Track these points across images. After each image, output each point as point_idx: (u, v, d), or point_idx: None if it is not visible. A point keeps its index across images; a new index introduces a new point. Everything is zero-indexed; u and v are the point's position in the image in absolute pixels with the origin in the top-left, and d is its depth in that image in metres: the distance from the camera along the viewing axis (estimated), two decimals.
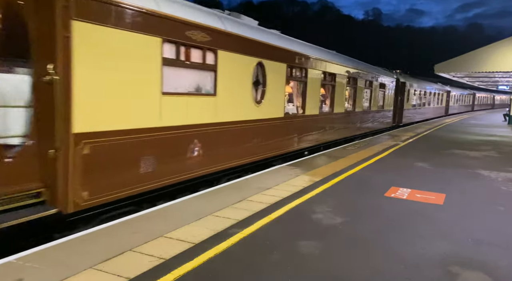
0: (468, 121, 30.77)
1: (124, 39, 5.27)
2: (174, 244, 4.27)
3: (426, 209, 6.05)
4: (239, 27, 8.01)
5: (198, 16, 6.74)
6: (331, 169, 8.89)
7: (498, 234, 5.04)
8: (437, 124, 26.36)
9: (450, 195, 6.92)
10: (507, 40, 18.98)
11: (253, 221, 5.11)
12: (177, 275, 3.56)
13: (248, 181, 7.47)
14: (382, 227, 5.13)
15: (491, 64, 19.37)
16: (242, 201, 6.05)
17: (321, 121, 12.33)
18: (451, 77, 27.89)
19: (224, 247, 4.24)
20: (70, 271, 3.55)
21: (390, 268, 3.91)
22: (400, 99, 22.69)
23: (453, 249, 4.44)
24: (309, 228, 5.01)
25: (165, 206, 5.73)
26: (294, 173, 8.33)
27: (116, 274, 3.53)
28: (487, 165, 10.16)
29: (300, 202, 6.12)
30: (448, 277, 3.75)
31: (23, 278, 3.42)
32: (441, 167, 9.66)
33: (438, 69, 22.08)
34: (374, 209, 5.95)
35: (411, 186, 7.46)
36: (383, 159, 10.79)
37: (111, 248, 4.09)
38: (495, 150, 13.31)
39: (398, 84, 21.90)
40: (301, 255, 4.13)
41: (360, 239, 4.69)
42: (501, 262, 4.15)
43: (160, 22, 5.83)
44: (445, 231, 5.08)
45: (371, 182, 7.73)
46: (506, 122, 29.91)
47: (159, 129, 5.95)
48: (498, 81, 35.29)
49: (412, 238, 4.76)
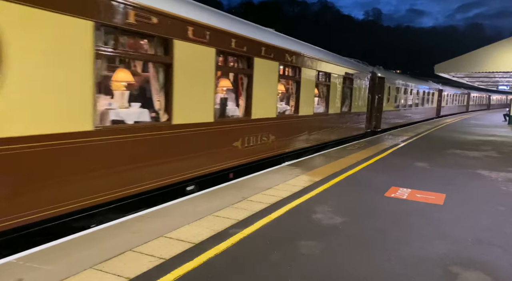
0: (468, 121, 30.77)
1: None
2: (174, 244, 4.27)
3: (426, 209, 6.05)
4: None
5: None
6: (331, 169, 8.88)
7: (498, 234, 5.04)
8: (437, 124, 26.33)
9: (450, 195, 6.92)
10: (507, 40, 18.98)
11: (253, 221, 5.11)
12: (177, 275, 3.56)
13: (248, 181, 7.47)
14: (382, 227, 5.13)
15: (491, 64, 19.37)
16: (242, 201, 6.05)
17: (218, 136, 7.35)
18: (451, 77, 27.88)
19: (224, 247, 4.24)
20: (70, 271, 3.54)
21: (390, 268, 3.91)
22: (378, 99, 18.39)
23: (453, 249, 4.43)
24: (309, 228, 5.00)
25: (165, 206, 5.72)
26: (294, 173, 8.32)
27: (116, 274, 3.53)
28: (487, 165, 10.16)
29: (300, 202, 6.12)
30: (448, 277, 3.75)
31: (23, 278, 3.42)
32: (441, 167, 9.66)
33: (438, 69, 22.08)
34: (374, 209, 5.95)
35: (411, 186, 7.45)
36: (383, 159, 10.79)
37: (111, 248, 4.09)
38: (495, 150, 13.30)
39: (374, 80, 17.59)
40: (301, 255, 4.13)
41: (360, 239, 4.69)
42: (501, 262, 4.15)
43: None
44: (445, 231, 5.08)
45: (371, 182, 7.72)
46: (506, 122, 29.91)
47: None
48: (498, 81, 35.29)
49: (412, 238, 4.76)
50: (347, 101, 14.31)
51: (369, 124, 17.64)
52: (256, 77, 8.23)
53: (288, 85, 10.66)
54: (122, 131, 5.38)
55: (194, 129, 6.64)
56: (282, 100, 10.65)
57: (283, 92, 10.78)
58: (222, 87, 8.33)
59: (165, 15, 5.75)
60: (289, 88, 10.62)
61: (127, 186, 5.42)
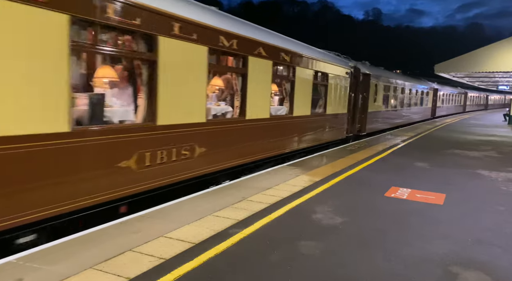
0: (468, 121, 30.77)
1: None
2: (174, 244, 4.27)
3: (426, 209, 6.05)
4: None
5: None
6: (331, 169, 8.89)
7: (498, 234, 5.04)
8: (437, 124, 26.34)
9: (450, 195, 6.92)
10: (507, 40, 19.02)
11: (253, 221, 5.11)
12: (177, 275, 3.56)
13: (248, 181, 7.47)
14: (382, 227, 5.13)
15: (491, 64, 19.40)
16: (242, 201, 6.05)
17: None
18: (451, 77, 27.88)
19: (224, 247, 4.24)
20: (70, 271, 3.54)
21: (390, 268, 3.91)
22: (363, 98, 16.19)
23: (453, 249, 4.43)
24: (309, 228, 5.00)
25: (165, 206, 5.72)
26: (294, 173, 8.32)
27: (116, 274, 3.53)
28: (487, 165, 10.16)
29: (300, 202, 6.12)
30: (448, 277, 3.75)
31: (23, 278, 3.42)
32: (441, 167, 9.66)
33: (438, 69, 22.12)
34: (374, 209, 5.95)
35: (411, 186, 7.46)
36: (383, 159, 10.79)
37: (111, 248, 4.09)
38: (495, 150, 13.31)
39: (358, 77, 15.38)
40: (301, 255, 4.13)
41: (360, 239, 4.69)
42: (501, 262, 4.15)
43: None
44: (445, 231, 5.08)
45: (371, 182, 7.72)
46: (506, 122, 29.93)
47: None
48: (498, 81, 35.36)
49: (412, 238, 4.76)
50: (321, 101, 12.22)
51: (352, 127, 15.42)
52: (161, 64, 5.78)
53: (227, 79, 8.18)
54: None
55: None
56: (221, 100, 8.28)
57: (221, 88, 8.32)
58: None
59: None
60: (231, 84, 8.07)
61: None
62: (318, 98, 12.02)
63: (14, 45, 3.95)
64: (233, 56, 7.75)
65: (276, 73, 9.32)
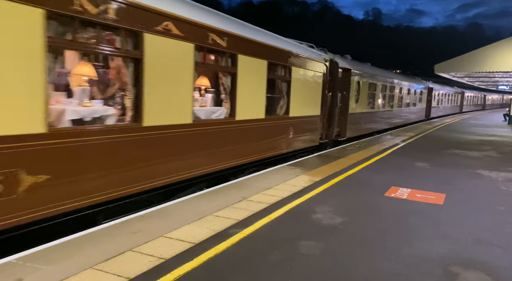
0: (468, 121, 30.78)
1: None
2: (174, 244, 4.27)
3: (426, 209, 6.05)
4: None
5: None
6: (331, 169, 8.88)
7: (498, 234, 5.04)
8: (437, 124, 26.34)
9: (450, 195, 6.92)
10: (507, 40, 19.02)
11: (253, 221, 5.11)
12: (177, 275, 3.56)
13: (248, 181, 7.47)
14: (382, 227, 5.13)
15: (491, 64, 19.40)
16: (242, 201, 6.05)
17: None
18: (451, 77, 27.87)
19: (224, 247, 4.24)
20: (70, 271, 3.54)
21: (390, 267, 3.91)
22: (342, 98, 13.92)
23: (453, 249, 4.43)
24: (309, 228, 5.00)
25: (165, 206, 5.72)
26: (294, 173, 8.32)
27: (116, 274, 3.53)
28: (487, 165, 10.16)
29: (300, 202, 6.12)
30: (448, 277, 3.75)
31: (23, 278, 3.42)
32: (441, 167, 9.66)
33: (438, 69, 22.11)
34: (374, 209, 5.95)
35: (411, 186, 7.45)
36: (383, 159, 10.79)
37: (111, 248, 4.09)
38: (495, 150, 13.31)
39: (335, 73, 13.10)
40: (301, 255, 4.13)
41: (360, 239, 4.69)
42: (501, 262, 4.15)
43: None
44: (445, 231, 5.08)
45: (371, 182, 7.72)
46: (506, 122, 29.93)
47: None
48: (498, 81, 35.35)
49: (412, 238, 4.76)
50: (283, 101, 9.99)
51: (329, 132, 13.22)
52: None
53: (109, 70, 5.85)
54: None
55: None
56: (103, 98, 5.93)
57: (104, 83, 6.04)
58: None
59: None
60: (117, 76, 5.64)
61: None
62: (278, 98, 9.87)
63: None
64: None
65: (204, 62, 6.90)
